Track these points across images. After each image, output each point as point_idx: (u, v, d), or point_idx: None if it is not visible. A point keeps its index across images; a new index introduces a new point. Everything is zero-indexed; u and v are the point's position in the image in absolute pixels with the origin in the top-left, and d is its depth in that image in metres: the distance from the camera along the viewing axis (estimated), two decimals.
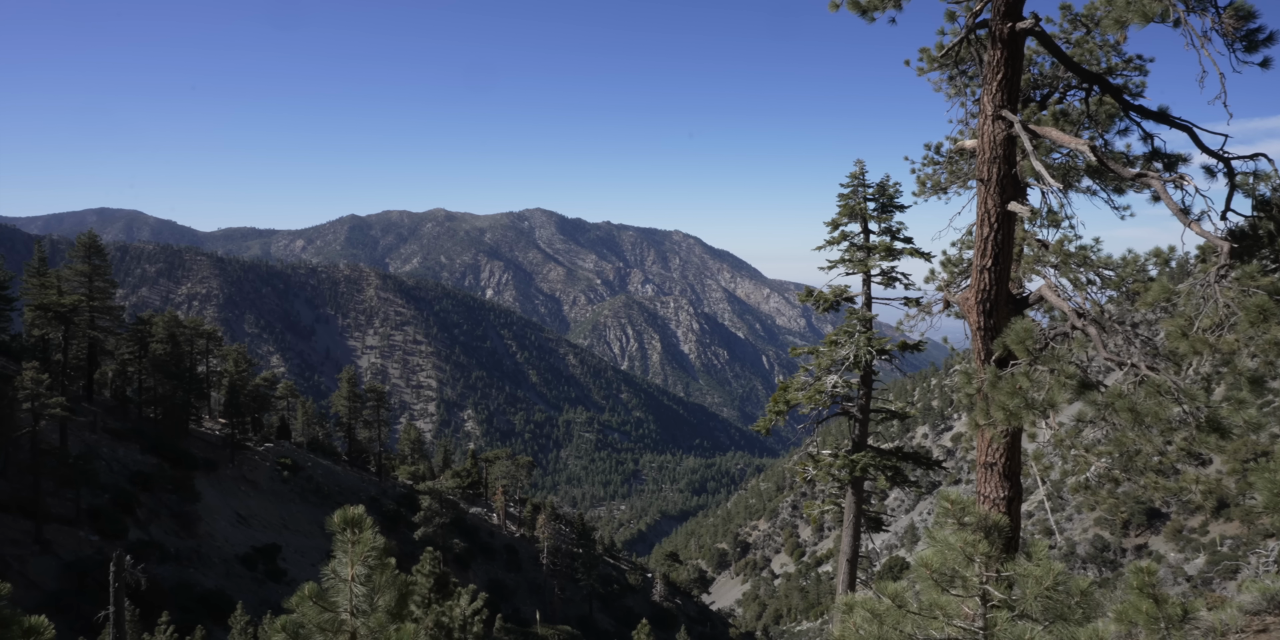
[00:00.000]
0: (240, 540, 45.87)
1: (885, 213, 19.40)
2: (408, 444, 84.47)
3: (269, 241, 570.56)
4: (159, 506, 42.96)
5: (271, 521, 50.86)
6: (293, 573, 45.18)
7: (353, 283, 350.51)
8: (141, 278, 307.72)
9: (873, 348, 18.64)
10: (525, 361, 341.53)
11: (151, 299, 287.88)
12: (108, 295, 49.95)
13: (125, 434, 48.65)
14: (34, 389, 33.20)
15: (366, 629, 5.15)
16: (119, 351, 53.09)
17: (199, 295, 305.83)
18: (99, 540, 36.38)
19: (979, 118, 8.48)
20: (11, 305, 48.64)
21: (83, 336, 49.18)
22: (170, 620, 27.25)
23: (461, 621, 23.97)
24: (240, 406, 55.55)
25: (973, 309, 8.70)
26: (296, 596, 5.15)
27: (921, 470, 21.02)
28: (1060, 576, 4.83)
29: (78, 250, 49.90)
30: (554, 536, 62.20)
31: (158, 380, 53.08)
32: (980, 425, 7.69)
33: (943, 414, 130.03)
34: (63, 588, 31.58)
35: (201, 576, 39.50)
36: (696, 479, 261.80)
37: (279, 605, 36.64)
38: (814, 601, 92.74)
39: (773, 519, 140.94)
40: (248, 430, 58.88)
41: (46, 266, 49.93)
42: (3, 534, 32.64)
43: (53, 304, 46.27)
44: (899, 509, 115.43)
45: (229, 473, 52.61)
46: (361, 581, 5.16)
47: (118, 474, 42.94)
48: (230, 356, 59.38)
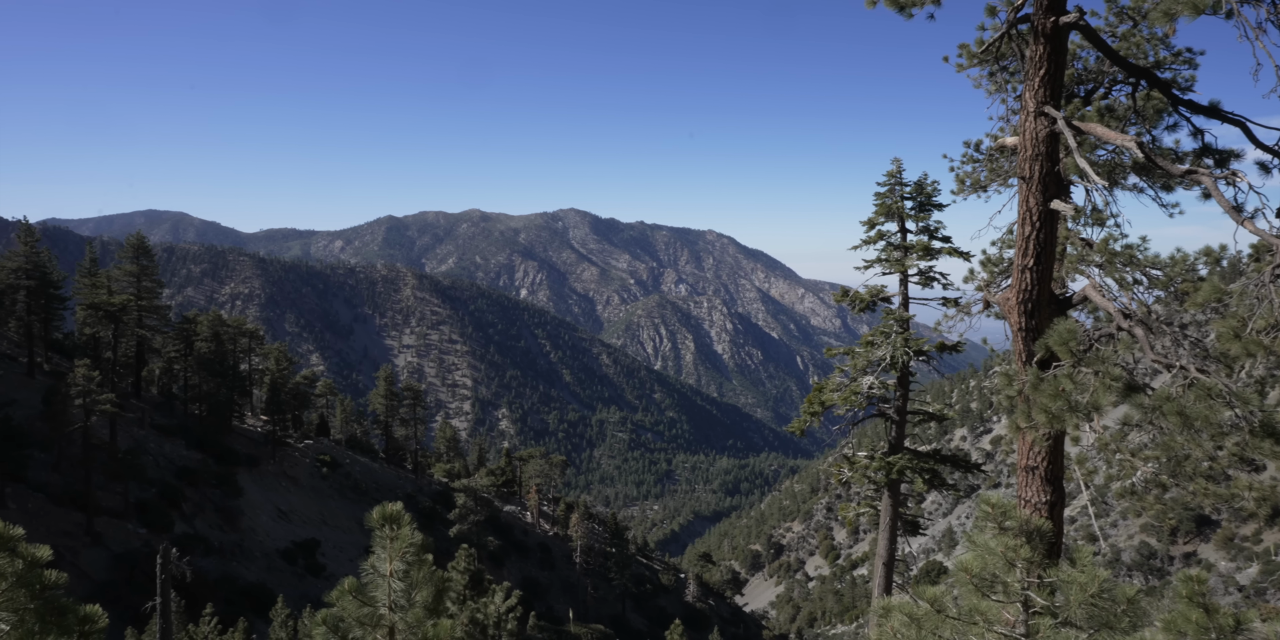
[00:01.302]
0: (281, 535, 46.83)
1: (923, 211, 19.11)
2: (443, 442, 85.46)
3: (309, 242, 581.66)
4: (203, 501, 44.06)
5: (311, 517, 51.83)
6: (331, 567, 46.00)
7: (390, 283, 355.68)
8: (187, 278, 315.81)
9: (910, 348, 18.38)
10: (559, 361, 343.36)
11: (196, 298, 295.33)
12: (155, 295, 51.34)
13: (171, 430, 49.96)
14: (85, 386, 34.24)
15: (404, 624, 5.21)
16: (166, 350, 54.53)
17: (242, 295, 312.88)
18: (146, 533, 37.42)
19: (1020, 114, 8.31)
20: (65, 304, 50.27)
21: (131, 335, 50.60)
22: (214, 612, 27.92)
23: (496, 618, 24.18)
24: (281, 404, 56.70)
25: (1014, 309, 8.52)
26: (337, 591, 5.24)
27: (960, 473, 20.68)
28: (1106, 584, 4.71)
29: (126, 251, 51.36)
30: (587, 535, 62.45)
31: (202, 378, 54.43)
32: (1021, 428, 7.54)
33: (982, 416, 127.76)
34: (112, 578, 32.53)
35: (244, 570, 40.41)
36: (730, 480, 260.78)
37: (318, 599, 37.34)
38: (849, 605, 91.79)
39: (807, 521, 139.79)
40: (288, 427, 60.08)
41: (97, 267, 51.49)
42: (56, 526, 33.73)
43: (103, 303, 47.68)
44: (936, 512, 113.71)
45: (270, 469, 53.73)
46: (400, 577, 5.23)
47: (164, 469, 44.12)
48: (272, 355, 60.64)
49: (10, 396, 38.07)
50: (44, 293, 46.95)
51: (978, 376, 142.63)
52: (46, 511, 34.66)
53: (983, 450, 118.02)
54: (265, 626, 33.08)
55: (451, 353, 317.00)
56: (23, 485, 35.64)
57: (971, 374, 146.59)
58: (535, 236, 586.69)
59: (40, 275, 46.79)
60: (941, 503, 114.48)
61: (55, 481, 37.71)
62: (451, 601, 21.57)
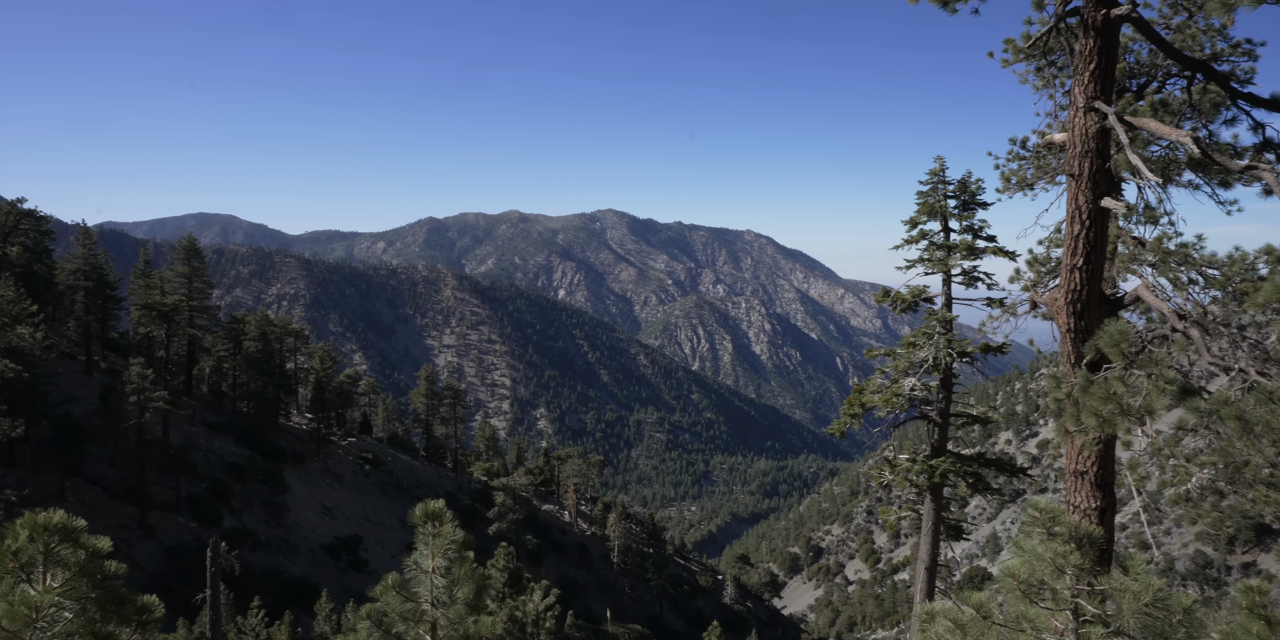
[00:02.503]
0: (325, 530, 47.78)
1: (967, 210, 18.75)
2: (483, 441, 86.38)
3: (352, 244, 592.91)
4: (251, 496, 45.16)
5: (354, 513, 52.80)
6: (374, 563, 46.80)
7: (430, 283, 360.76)
8: (235, 279, 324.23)
9: (953, 350, 18.05)
10: (597, 361, 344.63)
11: (245, 299, 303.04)
12: (205, 295, 52.77)
13: (221, 427, 51.31)
14: (140, 383, 35.34)
15: (446, 620, 5.27)
16: (215, 349, 56.03)
17: (288, 295, 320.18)
18: (197, 527, 38.49)
19: (1069, 110, 8.11)
20: (120, 304, 51.97)
21: (183, 334, 52.11)
22: (261, 605, 28.59)
23: (534, 616, 24.34)
24: (325, 402, 57.87)
25: (1062, 310, 8.32)
26: (380, 586, 5.32)
27: (1004, 477, 20.27)
28: (1160, 593, 4.56)
29: (178, 253, 52.89)
30: (624, 535, 62.55)
31: (250, 376, 55.81)
32: (1070, 432, 7.36)
33: (1027, 419, 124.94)
34: (165, 570, 33.51)
35: (289, 564, 41.31)
36: (768, 481, 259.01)
37: (361, 594, 38.03)
38: (890, 610, 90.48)
39: (847, 524, 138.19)
40: (332, 425, 61.30)
41: (151, 268, 53.12)
42: (112, 519, 34.87)
43: (156, 303, 49.17)
44: (980, 517, 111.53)
45: (315, 466, 54.86)
46: (442, 573, 5.30)
47: (214, 465, 45.33)
48: (316, 354, 61.91)
49: (69, 394, 39.46)
50: (101, 293, 48.59)
51: (1023, 379, 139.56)
52: (103, 505, 35.86)
53: (1028, 454, 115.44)
54: (310, 620, 33.80)
55: (490, 353, 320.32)
56: (81, 479, 36.93)
57: (1017, 376, 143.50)
58: (573, 237, 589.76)
59: (97, 276, 48.43)
60: (985, 507, 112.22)
61: (111, 476, 39.01)
62: (491, 599, 21.77)
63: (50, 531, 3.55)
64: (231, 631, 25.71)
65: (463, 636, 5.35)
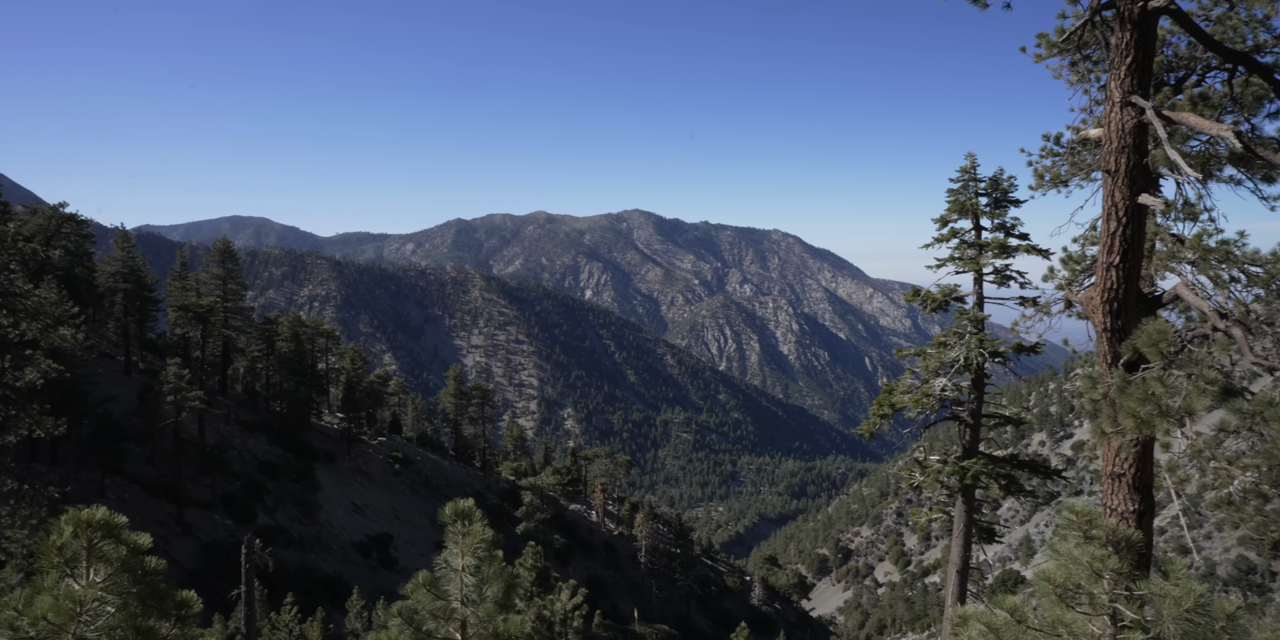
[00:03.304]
0: (356, 528, 48.40)
1: (999, 208, 18.47)
2: (510, 440, 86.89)
3: (382, 245, 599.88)
4: (284, 494, 45.89)
5: (384, 512, 53.41)
6: (404, 561, 47.30)
7: (459, 284, 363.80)
8: (269, 280, 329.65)
9: (985, 350, 17.78)
10: (623, 361, 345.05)
11: (277, 300, 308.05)
12: (239, 297, 53.74)
13: (254, 426, 52.20)
14: (176, 383, 36.09)
15: (476, 618, 5.31)
16: (249, 349, 57.02)
17: (319, 296, 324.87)
18: (232, 524, 39.20)
19: (1105, 105, 7.95)
20: (157, 306, 53.12)
21: (218, 335, 53.11)
22: (294, 601, 29.02)
23: (562, 616, 24.43)
24: (356, 402, 58.63)
25: (1098, 309, 8.16)
26: (411, 584, 5.37)
27: (1038, 479, 19.94)
28: (1202, 598, 4.45)
29: (213, 256, 53.92)
30: (652, 536, 62.55)
31: (283, 376, 56.72)
32: (1107, 433, 7.21)
33: (1062, 420, 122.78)
34: (201, 567, 34.18)
35: (321, 561, 41.91)
36: (796, 482, 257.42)
37: (391, 591, 38.46)
38: (920, 613, 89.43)
39: (876, 525, 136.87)
40: (363, 425, 62.08)
41: (186, 271, 54.21)
42: (150, 515, 35.64)
43: (192, 305, 50.17)
44: (1013, 520, 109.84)
45: (346, 464, 55.59)
46: (471, 572, 5.34)
47: (248, 463, 46.14)
48: (347, 355, 62.74)
49: (109, 393, 40.41)
50: (139, 295, 49.69)
51: (1057, 379, 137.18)
52: (142, 502, 36.68)
53: (1063, 456, 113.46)
54: (341, 617, 34.25)
55: (518, 353, 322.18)
56: (121, 477, 37.79)
57: (1051, 376, 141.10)
58: (600, 238, 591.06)
59: (136, 279, 49.54)
60: (1019, 510, 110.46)
61: (149, 474, 39.88)
62: (519, 598, 21.88)
63: (93, 528, 3.64)
64: (266, 627, 26.13)
65: (492, 635, 5.39)
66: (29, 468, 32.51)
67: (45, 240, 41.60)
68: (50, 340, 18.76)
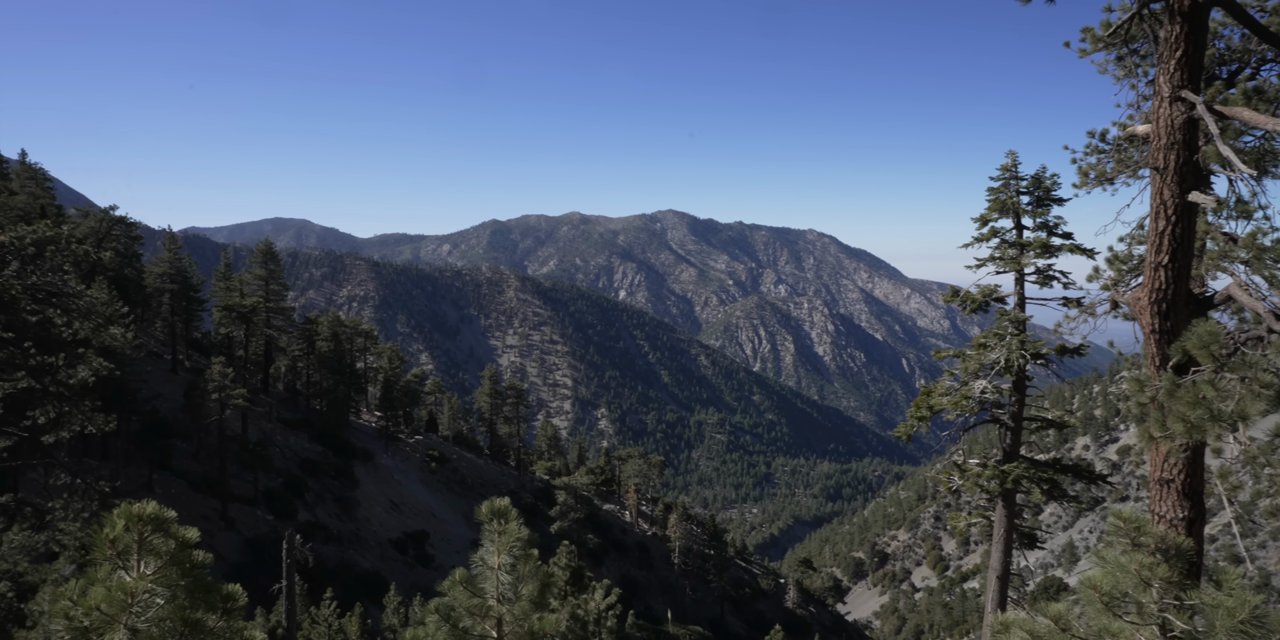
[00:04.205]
0: (393, 526, 49.08)
1: (1041, 206, 18.08)
2: (544, 440, 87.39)
3: (418, 246, 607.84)
4: (324, 491, 46.73)
5: (420, 509, 54.09)
6: (440, 558, 47.84)
7: (494, 284, 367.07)
8: (309, 281, 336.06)
9: (1026, 351, 17.42)
10: (657, 362, 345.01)
11: (317, 300, 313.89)
12: (281, 297, 54.86)
13: (295, 424, 53.24)
14: (221, 381, 36.96)
15: (511, 616, 5.35)
16: (290, 348, 58.18)
17: (357, 297, 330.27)
18: (274, 520, 40.02)
19: (1153, 100, 7.75)
20: (203, 306, 54.47)
21: (260, 334, 54.28)
22: (333, 596, 29.53)
23: (596, 615, 24.50)
24: (393, 401, 59.47)
25: (1145, 310, 7.95)
26: (448, 581, 5.43)
27: (1082, 484, 19.51)
28: (1258, 609, 4.30)
29: (256, 257, 55.11)
30: (685, 536, 62.40)
31: (323, 375, 57.77)
32: (1155, 438, 7.01)
33: (1107, 424, 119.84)
34: (244, 561, 34.95)
35: (359, 557, 42.59)
36: (831, 484, 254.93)
37: (428, 588, 38.90)
38: (959, 619, 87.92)
39: (913, 529, 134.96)
40: (400, 423, 62.93)
41: (230, 271, 55.50)
42: (195, 510, 36.55)
43: (235, 305, 51.35)
44: (1055, 525, 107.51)
45: (383, 462, 56.42)
46: (507, 570, 5.38)
47: (289, 460, 47.07)
48: (385, 354, 63.67)
49: (156, 391, 41.54)
50: (185, 295, 51.00)
51: (1102, 382, 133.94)
52: (187, 497, 37.63)
53: (1108, 460, 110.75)
54: (379, 612, 34.75)
55: (552, 353, 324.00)
56: (167, 472, 38.83)
57: (1095, 379, 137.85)
58: (634, 238, 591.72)
59: (182, 279, 50.85)
60: (1061, 515, 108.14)
61: (194, 469, 40.91)
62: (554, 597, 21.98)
63: (144, 521, 3.74)
64: (306, 621, 26.63)
65: (528, 633, 5.42)
66: (81, 462, 33.56)
67: (97, 242, 42.90)
68: (101, 339, 19.34)
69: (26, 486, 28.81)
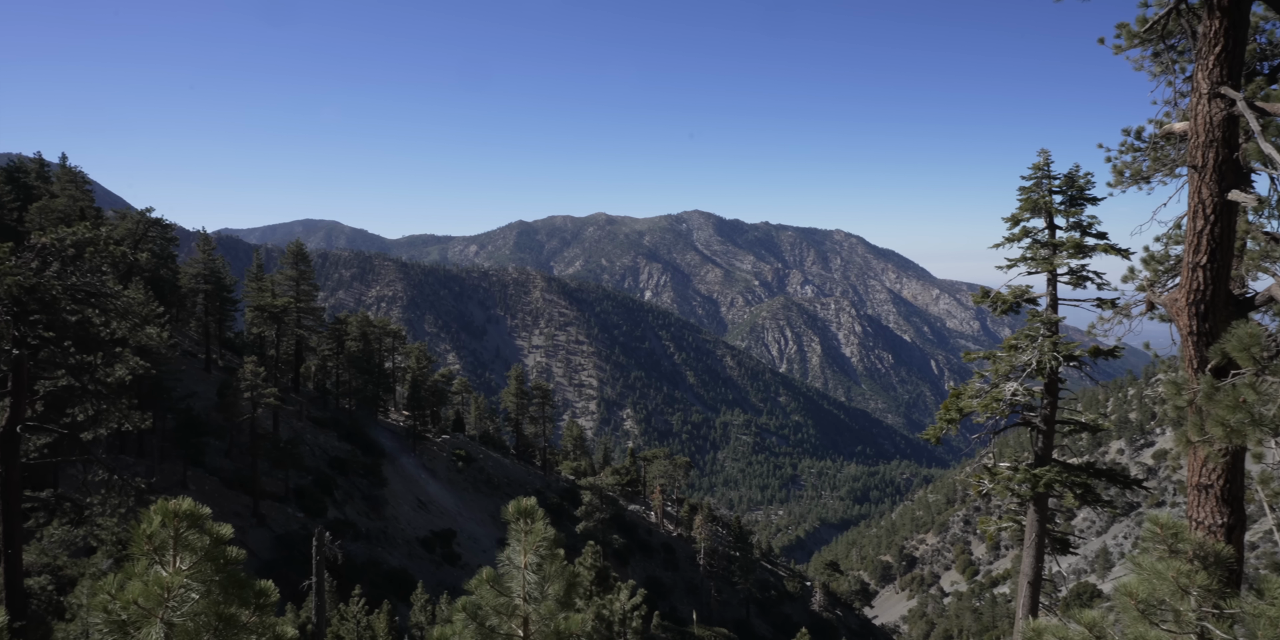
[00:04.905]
0: (420, 524, 49.54)
1: (1074, 206, 17.76)
2: (570, 440, 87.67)
3: (446, 247, 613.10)
4: (352, 489, 47.30)
5: (447, 508, 54.53)
6: (466, 557, 48.19)
7: (520, 285, 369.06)
8: (338, 282, 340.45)
9: (1059, 353, 17.12)
10: (683, 363, 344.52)
11: (346, 301, 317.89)
12: (311, 297, 55.68)
13: (325, 422, 53.96)
14: (253, 380, 37.58)
15: (538, 615, 5.37)
16: (320, 348, 59.00)
17: (386, 297, 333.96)
18: (304, 517, 40.59)
19: (1191, 97, 7.59)
20: (235, 306, 55.42)
21: (291, 334, 55.10)
22: (361, 593, 29.89)
23: (621, 616, 24.52)
24: (421, 400, 60.03)
25: (1183, 311, 7.78)
26: (475, 580, 5.47)
27: (1116, 489, 19.12)
28: None
29: (287, 258, 55.96)
30: (711, 538, 62.24)
31: (352, 374, 58.49)
32: (1193, 442, 6.86)
33: (1142, 428, 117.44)
34: (275, 557, 35.49)
35: (387, 555, 43.04)
36: (858, 487, 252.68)
37: (454, 587, 39.23)
38: (989, 625, 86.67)
39: (942, 533, 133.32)
40: (427, 422, 63.51)
41: (262, 272, 56.41)
42: (228, 507, 37.19)
43: (267, 305, 52.17)
44: (1089, 531, 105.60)
45: (411, 461, 56.97)
46: (533, 570, 5.40)
47: (319, 458, 47.71)
48: (413, 354, 64.30)
49: (191, 389, 42.35)
50: (219, 296, 51.94)
51: (1138, 384, 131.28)
52: (220, 494, 38.31)
53: (1143, 465, 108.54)
54: (406, 610, 35.10)
55: (578, 353, 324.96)
56: (201, 469, 39.56)
57: (1130, 381, 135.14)
58: (659, 239, 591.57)
59: (216, 280, 51.79)
60: (1095, 520, 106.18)
61: (227, 466, 41.63)
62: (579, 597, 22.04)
63: (180, 518, 3.82)
64: (335, 617, 26.97)
65: (554, 632, 5.44)
66: (118, 459, 34.31)
67: (134, 244, 43.85)
68: (138, 339, 19.75)
69: (66, 482, 29.51)
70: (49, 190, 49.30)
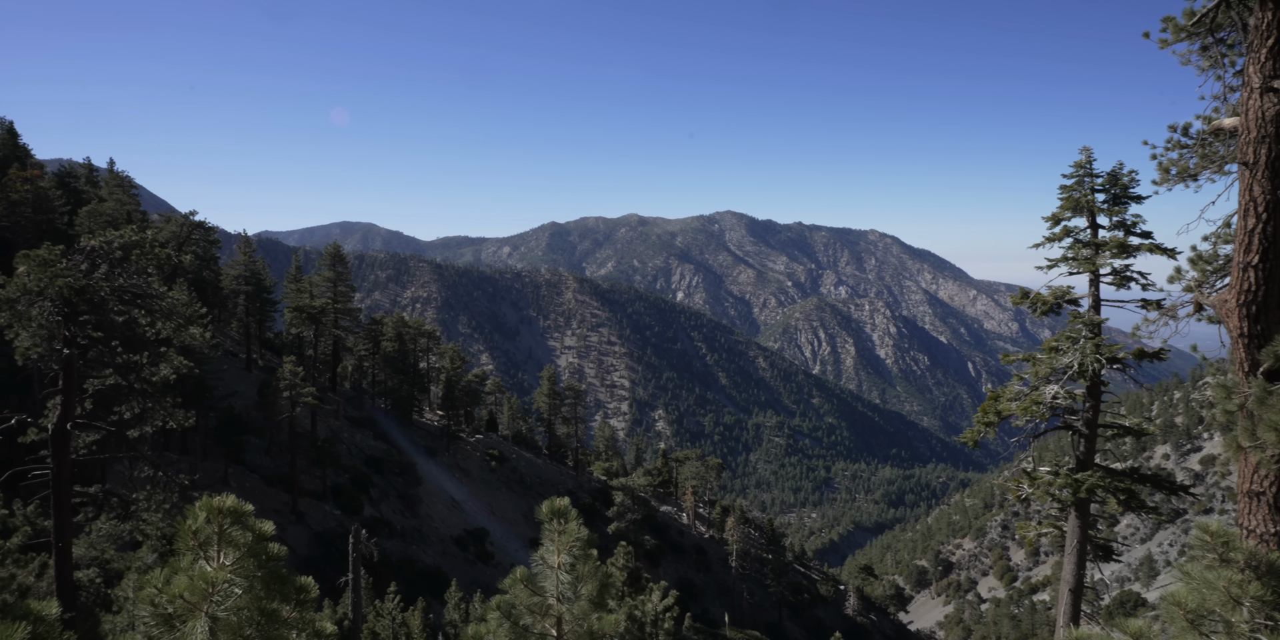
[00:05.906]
0: (454, 523, 50.04)
1: (1118, 204, 17.34)
2: (602, 441, 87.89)
3: (479, 248, 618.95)
4: (388, 488, 47.94)
5: (480, 507, 55.02)
6: (499, 556, 48.56)
7: (553, 286, 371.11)
8: (374, 283, 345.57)
9: (1102, 355, 16.72)
10: (715, 364, 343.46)
11: (382, 302, 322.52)
12: (348, 298, 56.57)
13: (361, 421, 54.78)
14: (292, 380, 38.28)
15: (571, 615, 5.39)
16: (356, 348, 59.92)
17: (420, 298, 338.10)
18: (341, 514, 41.25)
19: (1242, 91, 7.37)
20: (275, 307, 56.52)
21: (328, 335, 56.05)
22: (396, 591, 30.26)
23: (653, 617, 24.50)
24: (455, 400, 60.64)
25: (1233, 312, 7.55)
26: (509, 579, 5.50)
27: (1162, 495, 18.63)
28: None
29: (325, 260, 56.94)
30: (743, 540, 61.93)
31: (387, 374, 59.33)
32: (1244, 448, 6.66)
33: (1189, 432, 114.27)
34: (313, 554, 36.11)
35: (421, 553, 43.54)
36: (893, 490, 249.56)
37: (488, 585, 39.55)
38: (1028, 632, 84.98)
39: (979, 538, 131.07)
40: (461, 422, 64.14)
41: (301, 274, 57.46)
42: (268, 504, 37.94)
43: (305, 306, 53.13)
44: (1133, 538, 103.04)
45: (445, 460, 57.59)
46: (567, 569, 5.42)
47: (355, 457, 48.45)
48: (447, 354, 64.99)
49: (232, 388, 43.31)
50: (259, 297, 53.04)
51: (1184, 388, 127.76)
52: (260, 491, 39.09)
53: (1190, 470, 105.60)
54: (440, 607, 35.46)
55: (610, 354, 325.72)
56: (242, 466, 40.41)
57: (1176, 385, 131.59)
58: (691, 240, 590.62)
59: (256, 282, 52.89)
60: (1139, 527, 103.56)
61: (266, 464, 42.46)
62: (612, 597, 22.07)
63: (224, 514, 3.90)
64: (371, 614, 27.35)
65: (587, 632, 5.45)
66: (162, 456, 35.20)
67: (178, 246, 44.97)
68: (182, 339, 20.26)
69: (113, 478, 30.35)
70: (97, 194, 50.78)
